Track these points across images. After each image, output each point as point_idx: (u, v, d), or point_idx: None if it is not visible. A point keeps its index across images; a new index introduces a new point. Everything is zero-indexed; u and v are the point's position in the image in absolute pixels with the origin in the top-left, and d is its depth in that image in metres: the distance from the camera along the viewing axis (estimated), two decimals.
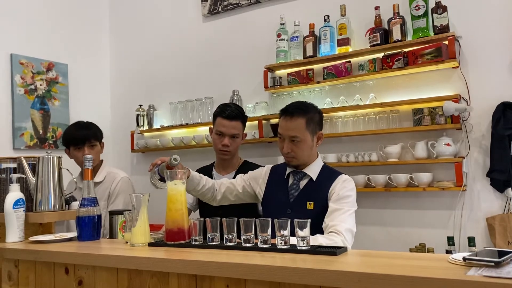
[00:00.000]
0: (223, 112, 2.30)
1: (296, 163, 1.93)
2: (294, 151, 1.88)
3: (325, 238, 1.65)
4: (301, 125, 1.86)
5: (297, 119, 1.87)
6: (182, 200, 1.57)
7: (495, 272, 0.96)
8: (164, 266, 1.35)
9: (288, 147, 1.88)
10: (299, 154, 1.89)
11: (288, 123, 1.88)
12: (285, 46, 3.01)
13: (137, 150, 3.65)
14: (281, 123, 1.92)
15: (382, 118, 2.71)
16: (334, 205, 1.79)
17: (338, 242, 1.64)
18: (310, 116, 1.90)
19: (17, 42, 3.30)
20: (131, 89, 3.86)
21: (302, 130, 1.87)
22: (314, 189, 1.89)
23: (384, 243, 2.68)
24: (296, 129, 1.86)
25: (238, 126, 2.30)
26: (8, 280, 1.75)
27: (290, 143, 1.88)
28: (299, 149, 1.88)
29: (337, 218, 1.74)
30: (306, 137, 1.88)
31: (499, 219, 2.36)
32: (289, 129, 1.87)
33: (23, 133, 3.29)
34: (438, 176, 2.55)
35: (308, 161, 1.94)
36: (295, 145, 1.87)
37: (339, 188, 1.84)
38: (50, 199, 1.89)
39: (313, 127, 1.91)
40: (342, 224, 1.71)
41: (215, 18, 3.47)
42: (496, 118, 2.38)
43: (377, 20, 2.71)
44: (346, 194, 1.82)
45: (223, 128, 2.28)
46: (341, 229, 1.69)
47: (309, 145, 1.90)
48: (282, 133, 1.90)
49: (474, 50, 2.51)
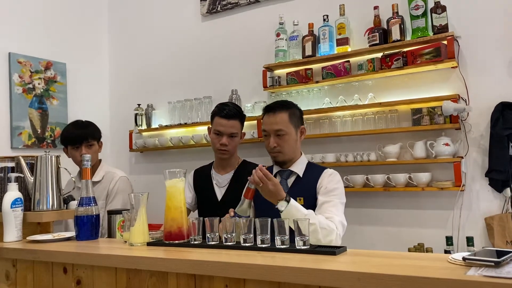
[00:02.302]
0: (221, 111, 2.30)
1: (282, 158, 1.98)
2: (280, 145, 1.95)
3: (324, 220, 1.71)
4: (285, 119, 1.96)
5: (280, 113, 1.97)
6: (181, 198, 1.57)
7: (495, 272, 0.96)
8: (163, 266, 1.35)
9: (274, 142, 1.95)
10: (285, 148, 1.96)
11: (272, 118, 1.97)
12: (284, 45, 3.01)
13: (136, 150, 3.65)
14: (265, 120, 2.01)
15: (381, 118, 2.71)
16: (323, 198, 1.86)
17: (333, 230, 1.70)
18: (292, 111, 2.00)
19: (15, 40, 3.29)
20: (130, 88, 3.85)
21: (286, 123, 1.96)
22: (302, 185, 1.94)
23: (383, 243, 2.68)
24: (281, 123, 1.95)
25: (236, 125, 2.30)
26: (6, 280, 1.74)
27: (275, 138, 1.96)
28: (285, 143, 1.95)
29: (328, 210, 1.81)
30: (291, 130, 1.96)
31: (497, 219, 2.36)
32: (274, 123, 1.96)
33: (21, 132, 3.28)
34: (436, 176, 2.55)
35: (293, 157, 2.01)
36: (280, 139, 1.95)
37: (326, 182, 1.92)
38: (48, 198, 1.89)
39: (296, 121, 2.00)
40: (335, 217, 1.77)
41: (214, 18, 3.46)
42: (495, 118, 2.38)
43: (376, 20, 2.71)
44: (334, 187, 1.90)
45: (221, 128, 2.28)
46: (334, 221, 1.75)
47: (293, 138, 1.98)
48: (267, 129, 1.99)
49: (473, 50, 2.51)
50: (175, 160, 3.52)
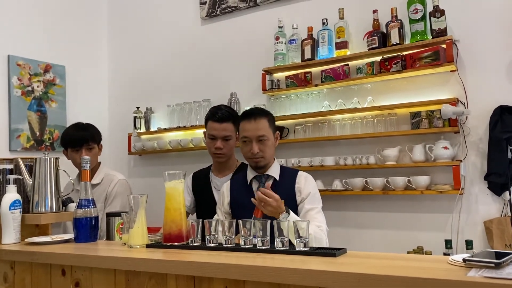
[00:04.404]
0: (213, 115, 2.31)
1: (263, 163, 2.02)
2: (262, 151, 1.98)
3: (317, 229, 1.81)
4: (266, 125, 2.01)
5: (261, 119, 2.00)
6: (181, 200, 1.57)
7: (495, 273, 0.96)
8: (162, 268, 1.34)
9: (257, 148, 1.97)
10: (266, 153, 1.99)
11: (253, 124, 1.99)
12: (283, 49, 3.01)
13: (135, 153, 3.64)
14: (246, 126, 2.01)
15: (380, 121, 2.71)
16: (308, 205, 1.93)
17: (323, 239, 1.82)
18: (270, 117, 2.07)
19: (14, 43, 3.29)
20: (129, 91, 3.85)
21: (267, 128, 2.01)
22: (280, 188, 1.97)
23: (382, 246, 2.68)
24: (263, 129, 1.99)
25: (230, 128, 2.30)
26: (4, 282, 1.73)
27: (257, 144, 1.98)
28: (267, 148, 1.99)
29: (313, 217, 1.88)
30: (270, 135, 2.02)
31: (496, 222, 2.36)
32: (256, 129, 1.98)
33: (20, 134, 3.27)
34: (435, 179, 2.56)
35: (270, 162, 2.05)
36: (263, 145, 1.98)
37: (304, 186, 1.99)
38: (47, 200, 1.88)
39: (273, 126, 2.07)
40: (323, 226, 1.88)
41: (213, 21, 3.47)
42: (493, 122, 2.38)
43: (375, 23, 2.72)
44: (314, 191, 1.99)
45: (214, 131, 2.29)
46: (323, 230, 1.86)
47: (273, 143, 2.04)
48: (249, 135, 1.99)
49: (472, 54, 2.51)
50: (174, 163, 3.51)
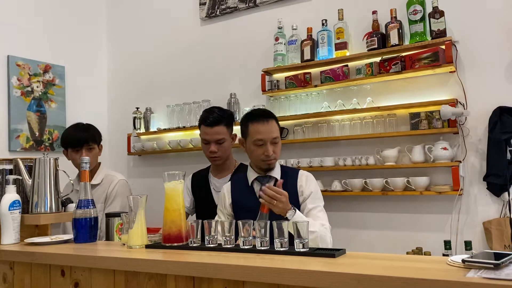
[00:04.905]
0: (205, 120, 2.30)
1: (274, 164, 2.00)
2: (275, 152, 1.96)
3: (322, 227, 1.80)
4: (276, 126, 1.99)
5: (272, 121, 1.98)
6: (180, 200, 1.57)
7: (494, 274, 0.96)
8: (162, 268, 1.34)
9: (271, 149, 1.93)
10: (278, 154, 1.98)
11: (267, 126, 1.94)
12: (283, 49, 3.02)
13: (134, 153, 3.64)
14: (259, 128, 1.93)
15: (379, 122, 2.71)
16: (310, 204, 1.91)
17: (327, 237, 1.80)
18: (276, 118, 2.03)
19: (14, 43, 3.29)
20: (128, 91, 3.85)
21: (277, 130, 1.98)
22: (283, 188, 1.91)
23: (381, 246, 2.68)
24: (275, 130, 1.97)
25: (222, 130, 2.29)
26: (3, 283, 1.73)
27: (272, 145, 1.94)
28: (278, 149, 1.98)
29: (317, 216, 1.87)
30: (279, 136, 2.00)
31: (495, 223, 2.36)
32: (270, 131, 1.94)
33: (19, 135, 3.27)
34: (435, 180, 2.56)
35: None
36: (276, 146, 1.96)
37: (306, 185, 1.96)
38: (46, 201, 1.88)
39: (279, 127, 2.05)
40: (326, 224, 1.86)
41: (213, 22, 3.47)
42: (492, 122, 2.39)
43: (375, 24, 2.72)
44: (315, 190, 1.97)
45: (207, 136, 2.29)
46: (326, 228, 1.84)
47: (280, 144, 2.02)
48: (263, 138, 1.92)
49: (471, 55, 2.52)
50: (173, 164, 3.52)
